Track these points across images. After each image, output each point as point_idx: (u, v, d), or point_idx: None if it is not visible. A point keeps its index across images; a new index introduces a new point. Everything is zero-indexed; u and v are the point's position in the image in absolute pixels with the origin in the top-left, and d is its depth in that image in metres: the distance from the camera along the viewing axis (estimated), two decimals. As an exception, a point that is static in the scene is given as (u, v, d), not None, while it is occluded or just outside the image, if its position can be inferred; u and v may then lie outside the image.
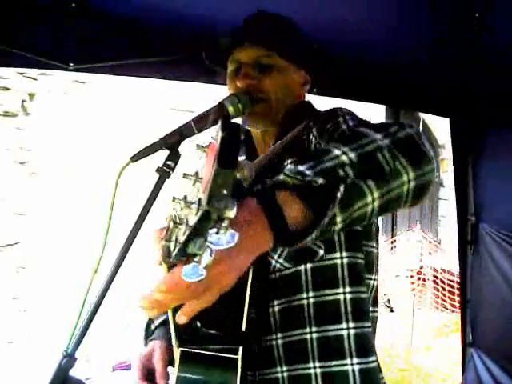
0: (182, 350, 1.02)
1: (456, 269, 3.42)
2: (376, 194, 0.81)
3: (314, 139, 1.19)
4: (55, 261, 5.81)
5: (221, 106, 1.18)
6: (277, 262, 1.16)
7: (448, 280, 7.48)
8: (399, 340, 6.26)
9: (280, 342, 1.15)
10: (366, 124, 1.00)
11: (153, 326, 1.36)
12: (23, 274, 5.77)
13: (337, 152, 0.81)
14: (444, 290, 7.48)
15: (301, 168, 0.79)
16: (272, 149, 1.23)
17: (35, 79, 6.03)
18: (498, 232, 2.76)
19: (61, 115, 6.12)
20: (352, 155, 0.80)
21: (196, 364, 1.00)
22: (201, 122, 1.15)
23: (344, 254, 1.15)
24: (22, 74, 5.94)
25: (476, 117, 2.78)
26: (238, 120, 1.34)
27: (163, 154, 1.11)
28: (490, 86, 2.53)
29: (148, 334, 1.35)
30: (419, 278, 7.89)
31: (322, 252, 1.14)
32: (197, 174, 0.67)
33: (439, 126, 9.94)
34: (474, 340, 2.94)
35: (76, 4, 2.01)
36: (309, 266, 1.14)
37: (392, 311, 7.93)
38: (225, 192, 0.57)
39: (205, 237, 0.59)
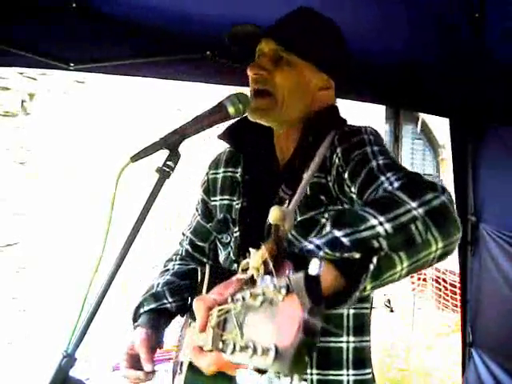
0: (189, 362, 1.08)
1: (457, 268, 3.41)
2: (405, 264, 0.85)
3: (337, 160, 1.19)
4: (55, 261, 5.81)
5: (221, 105, 1.18)
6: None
7: (449, 280, 7.48)
8: (399, 340, 6.26)
9: None
10: (399, 167, 1.06)
11: (141, 310, 1.39)
12: (23, 274, 5.77)
13: (373, 222, 0.84)
14: (446, 289, 7.48)
15: (337, 233, 0.83)
16: (308, 177, 1.20)
17: (35, 79, 6.04)
18: (498, 232, 2.76)
19: (61, 115, 6.12)
20: (387, 226, 0.84)
21: (201, 373, 1.01)
22: (201, 122, 1.15)
23: None
24: (21, 74, 5.94)
25: (476, 117, 2.78)
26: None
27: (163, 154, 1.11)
28: (489, 86, 2.53)
29: (136, 317, 1.39)
30: (419, 278, 7.89)
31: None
32: (263, 293, 0.67)
33: (439, 126, 9.94)
34: (474, 340, 2.94)
35: (76, 4, 2.01)
36: None
37: (392, 311, 7.93)
38: (306, 358, 0.60)
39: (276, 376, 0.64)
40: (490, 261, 2.79)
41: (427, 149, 11.38)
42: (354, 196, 1.14)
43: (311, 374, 1.18)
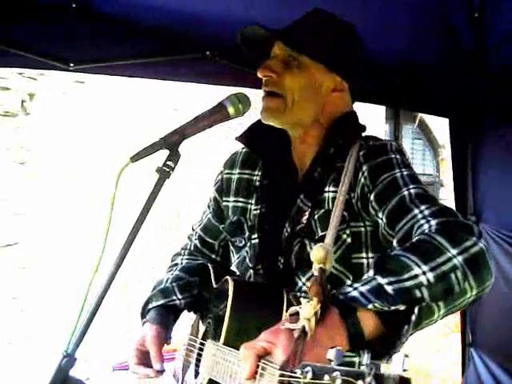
0: (209, 379, 1.13)
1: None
2: (442, 312, 0.92)
3: (363, 179, 1.18)
4: (55, 261, 5.81)
5: (221, 106, 1.18)
6: (304, 284, 1.21)
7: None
8: (399, 340, 6.25)
9: None
10: (431, 198, 1.08)
11: (150, 306, 1.39)
12: (23, 273, 5.77)
13: (417, 271, 0.88)
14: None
15: (381, 280, 0.87)
16: (340, 201, 1.18)
17: (35, 79, 6.03)
18: (497, 232, 2.76)
19: (61, 115, 6.12)
20: (430, 276, 0.88)
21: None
22: (201, 122, 1.15)
23: None
24: (21, 74, 5.94)
25: (476, 117, 2.78)
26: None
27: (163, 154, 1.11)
28: (489, 86, 2.54)
29: (144, 313, 1.39)
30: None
31: (349, 282, 1.18)
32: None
33: (439, 126, 9.93)
34: (473, 340, 2.94)
35: (76, 4, 2.01)
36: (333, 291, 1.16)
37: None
38: None
39: None
40: (489, 261, 2.79)
41: (427, 149, 11.37)
42: (381, 221, 1.13)
43: None
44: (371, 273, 0.91)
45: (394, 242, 1.08)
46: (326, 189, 1.23)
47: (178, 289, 1.40)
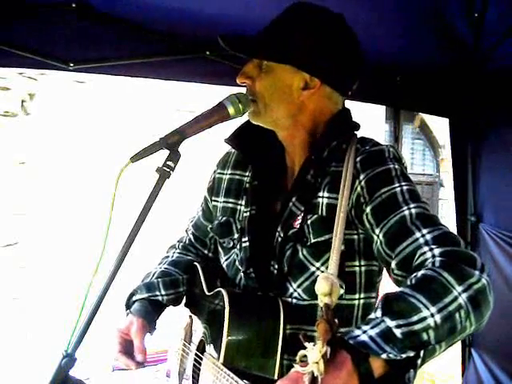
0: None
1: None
2: (443, 349, 0.94)
3: (359, 189, 1.16)
4: (55, 261, 5.81)
5: (221, 105, 1.18)
6: (295, 290, 1.20)
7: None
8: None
9: (285, 362, 1.15)
10: (431, 219, 1.09)
11: (134, 298, 1.40)
12: (23, 273, 5.77)
13: (425, 313, 0.90)
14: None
15: (389, 323, 0.88)
16: (341, 218, 1.17)
17: (35, 79, 6.04)
18: (497, 232, 2.76)
19: (61, 115, 6.12)
20: (437, 318, 0.90)
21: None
22: (201, 122, 1.15)
23: (362, 296, 1.21)
24: (21, 74, 5.94)
25: (476, 117, 2.78)
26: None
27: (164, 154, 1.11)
28: (489, 86, 2.54)
29: (129, 304, 1.40)
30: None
31: (342, 291, 1.16)
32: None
33: (439, 126, 9.94)
34: (474, 340, 2.94)
35: (76, 4, 2.01)
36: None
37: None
38: None
39: None
40: (489, 261, 2.79)
41: (427, 149, 11.37)
42: (376, 238, 1.12)
43: None
44: (379, 313, 0.91)
45: (393, 264, 1.07)
46: (320, 194, 1.21)
47: (163, 285, 1.40)
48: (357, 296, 1.20)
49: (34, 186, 5.93)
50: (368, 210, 1.14)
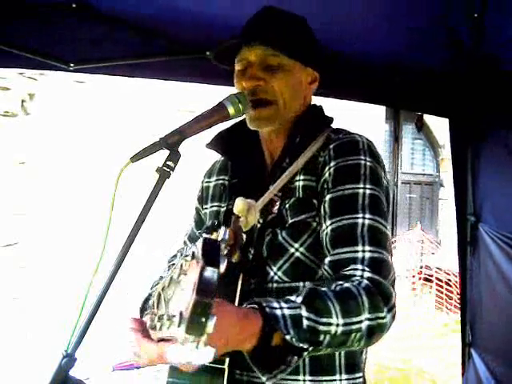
0: None
1: (456, 268, 3.41)
2: (327, 351, 1.05)
3: (327, 175, 1.20)
4: (55, 261, 5.81)
5: (221, 105, 1.18)
6: (275, 273, 1.20)
7: (448, 280, 7.48)
8: (399, 340, 6.26)
9: None
10: (379, 238, 1.14)
11: (150, 303, 1.38)
12: (23, 273, 5.77)
13: (333, 320, 1.00)
14: (445, 289, 7.48)
15: (303, 312, 0.98)
16: (290, 170, 1.24)
17: (35, 79, 6.04)
18: (497, 232, 2.75)
19: (61, 115, 6.12)
20: (339, 329, 1.01)
21: (183, 372, 1.03)
22: (201, 122, 1.15)
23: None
24: (21, 74, 5.94)
25: (476, 117, 2.78)
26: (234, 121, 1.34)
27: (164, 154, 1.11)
28: (489, 86, 2.53)
29: (144, 309, 1.38)
30: (419, 278, 7.89)
31: (320, 272, 1.18)
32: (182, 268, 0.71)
33: (439, 126, 9.93)
34: (473, 340, 2.94)
35: (76, 4, 2.01)
36: (307, 283, 1.18)
37: (392, 311, 7.92)
38: (203, 319, 0.62)
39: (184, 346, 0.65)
40: (489, 261, 2.79)
41: (427, 149, 11.37)
42: (325, 227, 1.17)
43: (304, 381, 1.18)
44: (299, 300, 1.00)
45: (326, 260, 1.15)
46: (297, 178, 1.24)
47: None
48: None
49: (33, 186, 5.93)
50: (327, 198, 1.18)
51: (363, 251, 1.10)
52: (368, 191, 1.16)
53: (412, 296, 7.57)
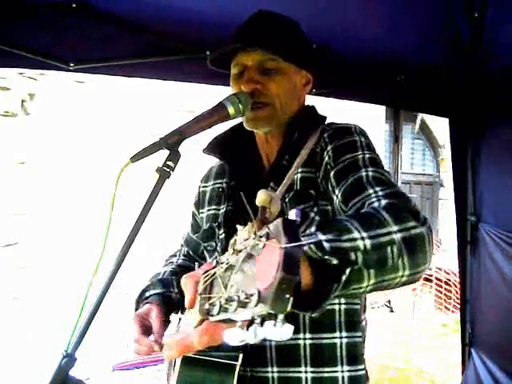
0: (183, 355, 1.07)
1: (456, 268, 3.41)
2: (371, 282, 0.89)
3: (327, 158, 1.22)
4: (55, 261, 5.81)
5: (221, 105, 1.18)
6: None
7: (448, 280, 7.49)
8: (399, 340, 6.26)
9: (273, 343, 1.18)
10: (387, 181, 1.10)
11: (147, 294, 1.38)
12: (23, 273, 5.77)
13: (356, 235, 0.88)
14: (445, 289, 7.49)
15: (320, 236, 0.86)
16: (293, 169, 1.24)
17: (35, 79, 6.04)
18: (497, 232, 2.76)
19: (61, 115, 6.12)
20: (367, 243, 0.88)
21: (196, 367, 1.02)
22: (201, 122, 1.15)
23: None
24: (21, 74, 5.94)
25: (476, 117, 2.78)
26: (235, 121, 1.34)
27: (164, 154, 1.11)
28: (489, 86, 2.54)
29: (141, 299, 1.37)
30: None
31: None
32: (250, 255, 0.68)
33: (439, 126, 9.94)
34: (473, 340, 2.95)
35: (76, 4, 2.01)
36: None
37: (392, 311, 7.93)
38: (287, 296, 0.60)
39: (257, 324, 0.62)
40: (489, 261, 2.79)
41: (427, 149, 11.38)
42: (336, 198, 1.16)
43: (305, 372, 1.19)
44: (313, 229, 0.89)
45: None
46: (295, 171, 1.25)
47: (176, 283, 1.40)
48: None
49: (34, 186, 5.93)
50: (331, 174, 1.19)
51: (375, 192, 1.07)
52: (367, 155, 1.18)
53: (412, 296, 7.57)
